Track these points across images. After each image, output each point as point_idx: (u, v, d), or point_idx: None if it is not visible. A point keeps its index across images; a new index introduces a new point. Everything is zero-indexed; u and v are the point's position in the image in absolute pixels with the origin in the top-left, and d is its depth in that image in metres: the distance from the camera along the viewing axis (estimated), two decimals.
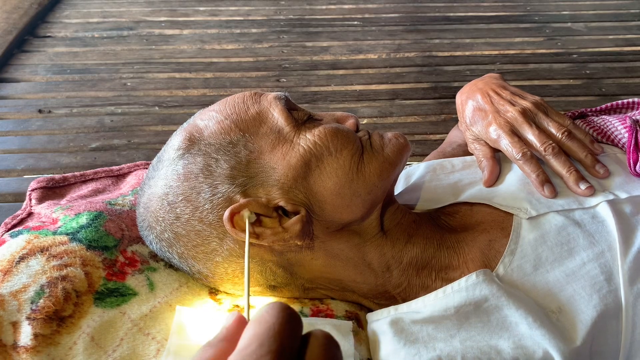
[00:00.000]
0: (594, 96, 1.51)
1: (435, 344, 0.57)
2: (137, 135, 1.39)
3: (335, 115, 0.66)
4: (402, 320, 0.60)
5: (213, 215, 0.59)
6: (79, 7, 2.11)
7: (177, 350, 0.57)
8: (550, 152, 0.67)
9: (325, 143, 0.60)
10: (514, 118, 0.70)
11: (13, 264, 0.64)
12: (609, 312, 0.58)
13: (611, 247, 0.61)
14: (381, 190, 0.61)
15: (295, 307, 0.64)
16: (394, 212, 0.65)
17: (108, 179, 0.92)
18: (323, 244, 0.61)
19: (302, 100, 1.50)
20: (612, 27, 1.89)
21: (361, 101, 1.51)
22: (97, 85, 1.61)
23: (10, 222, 0.78)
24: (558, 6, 2.06)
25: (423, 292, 0.63)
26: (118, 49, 1.80)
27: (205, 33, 1.90)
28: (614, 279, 0.59)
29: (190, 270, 0.65)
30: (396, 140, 0.64)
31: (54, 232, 0.69)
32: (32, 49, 1.81)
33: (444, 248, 0.64)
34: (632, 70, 1.64)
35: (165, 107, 1.49)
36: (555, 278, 0.60)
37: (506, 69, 1.65)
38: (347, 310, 0.65)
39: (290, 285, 0.64)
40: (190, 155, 0.61)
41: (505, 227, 0.64)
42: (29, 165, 1.27)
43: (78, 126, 1.42)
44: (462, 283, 0.60)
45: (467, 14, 2.00)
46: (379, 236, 0.63)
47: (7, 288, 0.61)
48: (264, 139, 0.60)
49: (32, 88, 1.60)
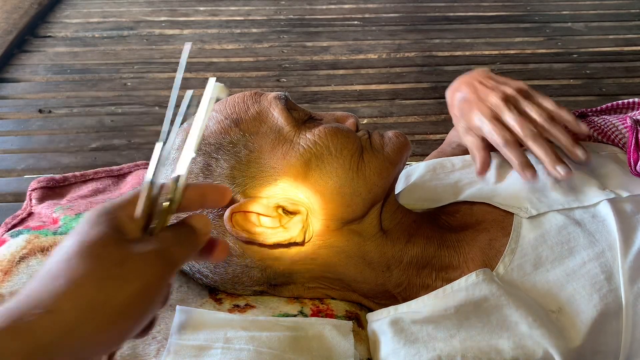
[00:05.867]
0: (594, 96, 1.51)
1: (435, 343, 0.57)
2: (138, 135, 1.38)
3: (335, 115, 0.66)
4: (402, 320, 0.60)
5: (213, 215, 0.59)
6: (79, 7, 2.11)
7: (177, 350, 0.57)
8: (529, 135, 0.66)
9: (325, 142, 0.60)
10: (496, 104, 0.69)
11: (13, 263, 0.64)
12: (609, 312, 0.58)
13: (611, 247, 0.61)
14: (381, 189, 0.61)
15: (295, 307, 0.64)
16: (394, 211, 0.65)
17: (108, 179, 0.92)
18: (323, 243, 0.61)
19: (302, 100, 1.50)
20: (612, 27, 1.89)
21: (361, 101, 1.51)
22: (97, 85, 1.61)
23: (10, 222, 0.78)
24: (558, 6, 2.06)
25: (423, 292, 0.63)
26: (118, 49, 1.80)
27: (205, 33, 1.90)
28: (614, 279, 0.59)
29: (190, 270, 0.65)
30: (396, 139, 0.64)
31: (55, 232, 0.69)
32: (32, 49, 1.81)
33: (445, 247, 0.64)
34: (633, 70, 1.64)
35: (165, 107, 1.49)
36: (555, 277, 0.60)
37: (506, 69, 1.65)
38: (347, 310, 0.65)
39: (291, 284, 0.64)
40: None
41: (505, 226, 0.64)
42: (29, 165, 1.27)
43: (78, 126, 1.42)
44: (462, 283, 0.60)
45: (467, 13, 2.00)
46: (379, 235, 0.63)
47: (7, 288, 0.61)
48: (264, 138, 0.60)
49: (32, 88, 1.60)
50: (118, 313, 0.37)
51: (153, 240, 0.40)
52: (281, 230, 0.58)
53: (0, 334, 0.33)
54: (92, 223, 0.39)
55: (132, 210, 0.41)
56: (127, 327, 0.38)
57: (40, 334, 0.34)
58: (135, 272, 0.38)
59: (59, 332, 0.34)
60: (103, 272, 0.37)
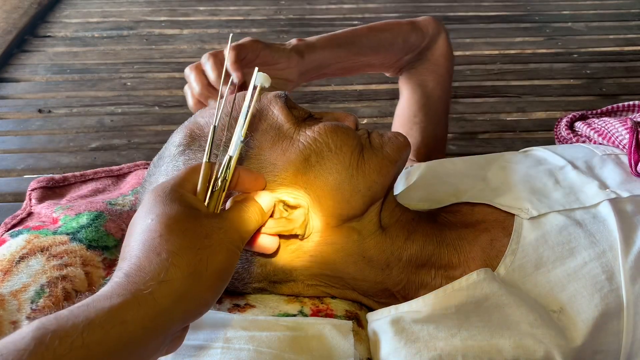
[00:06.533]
0: (595, 96, 1.51)
1: (436, 343, 0.57)
2: (137, 135, 1.39)
3: (334, 115, 0.66)
4: (403, 320, 0.60)
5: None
6: (79, 7, 2.11)
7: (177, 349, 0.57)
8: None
9: (325, 139, 0.60)
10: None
11: (13, 263, 0.64)
12: (610, 312, 0.58)
13: (612, 247, 0.61)
14: (381, 186, 0.61)
15: (295, 306, 0.64)
16: (393, 209, 0.65)
17: (108, 179, 0.92)
18: (322, 240, 0.61)
19: (302, 100, 1.50)
20: (612, 27, 1.89)
21: (361, 101, 1.51)
22: (97, 85, 1.61)
23: (10, 222, 0.78)
24: (558, 6, 2.06)
25: (422, 290, 0.63)
26: (118, 49, 1.80)
27: (205, 33, 1.91)
28: (615, 279, 0.59)
29: None
30: (395, 139, 0.64)
31: (54, 231, 0.69)
32: (32, 49, 1.81)
33: (444, 245, 0.64)
34: (633, 70, 1.64)
35: (165, 107, 1.49)
36: (556, 278, 0.60)
37: (506, 68, 1.65)
38: (347, 310, 0.65)
39: (291, 281, 0.64)
40: (191, 151, 0.61)
41: (506, 227, 0.64)
42: (29, 165, 1.27)
43: (78, 126, 1.42)
44: (463, 282, 0.60)
45: (467, 13, 2.00)
46: (378, 233, 0.63)
47: (7, 288, 0.61)
48: (263, 135, 0.60)
49: (32, 88, 1.60)
50: (215, 278, 0.44)
51: (226, 215, 0.48)
52: (284, 221, 0.57)
53: (127, 305, 0.39)
54: (164, 201, 0.46)
55: (189, 187, 0.49)
56: (220, 289, 0.45)
57: (160, 301, 0.40)
58: (220, 243, 0.45)
59: (173, 298, 0.41)
60: (197, 244, 0.44)
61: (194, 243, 0.43)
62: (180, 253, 0.42)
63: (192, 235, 0.44)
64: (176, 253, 0.42)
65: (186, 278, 0.42)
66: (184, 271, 0.42)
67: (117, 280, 0.41)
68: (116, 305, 0.39)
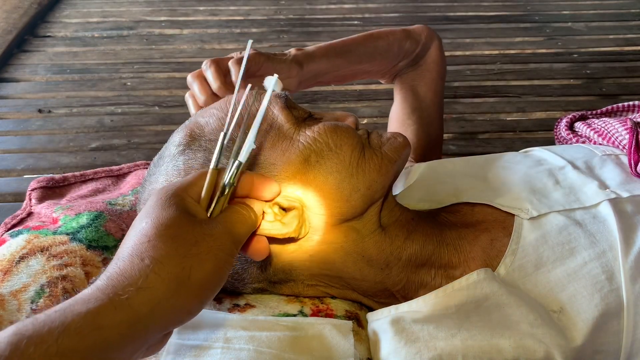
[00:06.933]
0: (595, 96, 1.51)
1: (436, 343, 0.57)
2: (137, 135, 1.39)
3: (334, 115, 0.66)
4: (403, 320, 0.60)
5: None
6: (79, 7, 2.11)
7: (177, 349, 0.57)
8: None
9: (325, 139, 0.60)
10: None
11: (13, 263, 0.64)
12: (611, 312, 0.58)
13: (612, 247, 0.61)
14: (381, 185, 0.61)
15: (295, 306, 0.64)
16: (392, 209, 0.65)
17: (108, 179, 0.92)
18: (322, 240, 0.61)
19: (302, 100, 1.50)
20: (612, 27, 1.89)
21: (361, 101, 1.51)
22: (97, 85, 1.61)
23: (10, 222, 0.78)
24: (558, 6, 2.06)
25: (422, 290, 0.63)
26: (118, 49, 1.80)
27: (205, 33, 1.91)
28: (615, 279, 0.59)
29: None
30: (395, 139, 0.64)
31: (54, 231, 0.69)
32: (32, 49, 1.81)
33: (444, 245, 0.64)
34: (633, 70, 1.64)
35: (165, 107, 1.49)
36: (556, 278, 0.60)
37: (506, 68, 1.65)
38: (347, 310, 0.65)
39: (291, 281, 0.64)
40: (191, 151, 0.61)
41: (506, 227, 0.64)
42: (29, 165, 1.27)
43: (78, 126, 1.42)
44: (463, 282, 0.60)
45: (467, 13, 2.00)
46: (378, 232, 0.63)
47: (7, 288, 0.61)
48: (263, 136, 0.60)
49: (32, 88, 1.60)
50: (199, 287, 0.43)
51: (218, 220, 0.47)
52: (279, 225, 0.57)
53: (103, 308, 0.38)
54: (163, 205, 0.45)
55: (194, 192, 0.48)
56: (207, 297, 0.44)
57: (137, 308, 0.39)
58: (209, 251, 0.44)
59: (151, 305, 0.40)
60: (183, 251, 0.43)
61: (180, 250, 0.43)
62: (164, 260, 0.42)
63: (180, 242, 0.43)
64: (159, 260, 0.42)
65: (166, 286, 0.41)
66: (164, 279, 0.41)
67: (98, 283, 0.40)
68: (93, 310, 0.38)
